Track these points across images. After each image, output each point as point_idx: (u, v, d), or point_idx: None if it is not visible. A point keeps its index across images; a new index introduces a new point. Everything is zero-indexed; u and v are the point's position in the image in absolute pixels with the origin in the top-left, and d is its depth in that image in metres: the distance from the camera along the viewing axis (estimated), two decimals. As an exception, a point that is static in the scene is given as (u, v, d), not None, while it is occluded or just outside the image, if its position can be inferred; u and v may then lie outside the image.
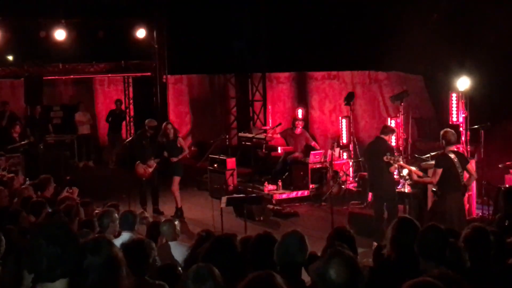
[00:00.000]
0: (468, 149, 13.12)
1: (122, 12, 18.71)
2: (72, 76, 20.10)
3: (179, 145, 14.14)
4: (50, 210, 8.38)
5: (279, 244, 5.10)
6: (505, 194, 7.90)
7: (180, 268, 5.82)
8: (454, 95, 13.43)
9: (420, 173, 10.97)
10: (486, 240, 5.32)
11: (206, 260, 4.59)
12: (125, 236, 7.04)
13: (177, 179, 14.11)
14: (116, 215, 7.62)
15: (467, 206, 11.92)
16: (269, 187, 15.40)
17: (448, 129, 10.29)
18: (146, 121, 14.51)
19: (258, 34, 20.40)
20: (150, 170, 14.19)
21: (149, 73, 20.20)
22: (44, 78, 18.45)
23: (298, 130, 16.34)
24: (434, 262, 5.10)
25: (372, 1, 17.34)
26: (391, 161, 10.88)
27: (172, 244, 7.31)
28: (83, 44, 18.71)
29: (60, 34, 17.92)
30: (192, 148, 20.57)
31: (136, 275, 5.21)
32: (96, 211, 9.46)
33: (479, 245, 5.27)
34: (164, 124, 14.44)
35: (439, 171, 9.91)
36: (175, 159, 13.97)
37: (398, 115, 15.07)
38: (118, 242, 6.09)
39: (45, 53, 18.48)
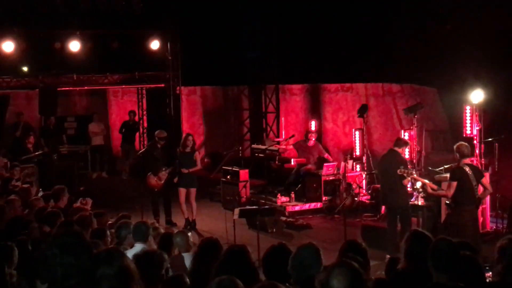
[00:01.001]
0: (482, 162, 13.06)
1: (136, 24, 18.81)
2: (86, 87, 20.21)
3: (194, 159, 14.17)
4: (63, 220, 8.40)
5: (294, 256, 5.09)
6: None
7: (187, 278, 5.84)
8: (468, 107, 13.38)
9: (435, 186, 10.90)
10: None
11: (221, 272, 4.59)
12: (138, 247, 7.03)
13: (194, 190, 14.15)
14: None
15: (481, 219, 11.86)
16: (282, 199, 15.38)
17: (462, 142, 10.25)
18: (156, 132, 14.62)
19: (271, 46, 20.41)
20: (162, 181, 14.24)
21: (162, 85, 20.29)
22: (58, 89, 18.56)
23: (311, 142, 16.33)
24: (447, 274, 5.08)
25: (386, 13, 17.33)
26: (405, 174, 10.85)
27: (185, 255, 7.30)
28: (97, 55, 18.83)
29: (74, 46, 18.06)
30: (205, 160, 20.59)
31: (148, 286, 5.21)
32: (109, 222, 9.48)
33: None
34: (185, 135, 14.54)
35: (454, 184, 9.88)
36: (185, 171, 13.99)
37: (411, 127, 15.05)
38: (131, 253, 6.10)
39: (59, 64, 18.61)
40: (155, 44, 19.21)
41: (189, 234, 7.82)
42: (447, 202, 10.35)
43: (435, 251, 5.22)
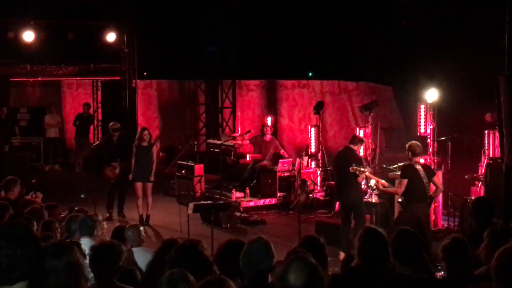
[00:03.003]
0: (435, 160, 13.23)
1: (92, 15, 18.56)
2: (40, 78, 19.87)
3: (152, 152, 14.03)
4: (12, 212, 8.25)
5: (245, 251, 5.07)
6: (475, 205, 7.93)
7: (139, 273, 5.79)
8: (422, 106, 13.54)
9: (386, 184, 11.03)
10: (465, 251, 5.36)
11: (173, 267, 4.56)
12: (84, 241, 6.89)
13: (150, 185, 14.02)
14: (82, 220, 7.51)
15: (433, 217, 12.02)
16: (236, 195, 15.36)
17: (414, 141, 10.39)
18: (110, 124, 14.51)
19: (229, 41, 20.38)
20: (117, 171, 14.11)
21: (118, 77, 20.06)
22: (11, 79, 18.23)
23: (268, 137, 16.33)
24: (410, 266, 5.14)
25: (343, 11, 17.43)
26: (357, 172, 10.89)
27: (135, 250, 7.22)
28: (52, 46, 18.50)
29: (28, 35, 17.71)
30: (160, 154, 20.46)
31: (104, 278, 5.17)
32: (62, 215, 9.34)
33: (458, 256, 5.29)
34: (141, 129, 14.38)
35: (405, 181, 9.99)
36: (152, 177, 13.93)
37: (366, 125, 15.14)
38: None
39: (13, 54, 18.23)
40: (111, 36, 18.97)
41: (141, 228, 7.73)
42: (399, 200, 10.46)
43: (398, 244, 5.27)
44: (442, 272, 6.12)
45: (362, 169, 10.94)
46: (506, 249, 4.35)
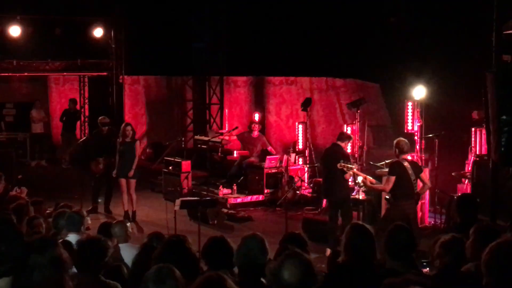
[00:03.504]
0: (423, 157, 13.26)
1: (79, 10, 18.44)
2: (26, 74, 19.74)
3: (135, 148, 13.98)
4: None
5: (240, 247, 5.08)
6: (459, 202, 7.96)
7: (125, 269, 5.76)
8: (409, 103, 13.57)
9: (373, 180, 11.05)
10: (463, 250, 5.36)
11: (159, 262, 4.54)
12: (71, 237, 6.87)
13: (134, 182, 13.95)
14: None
15: (419, 214, 12.04)
16: (224, 191, 15.35)
17: (401, 138, 10.39)
18: (99, 118, 14.51)
19: (217, 37, 20.33)
20: (101, 166, 14.08)
21: (105, 73, 19.96)
22: (-3, 74, 18.12)
23: (255, 133, 16.33)
24: (401, 262, 5.15)
25: (331, 8, 17.42)
26: (345, 169, 10.90)
27: (122, 246, 7.19)
28: (39, 41, 18.38)
29: (15, 30, 17.57)
30: (148, 150, 20.40)
31: (90, 273, 5.15)
32: (48, 211, 9.30)
33: (456, 253, 5.29)
34: (123, 125, 14.28)
35: (392, 178, 10.00)
36: (131, 173, 13.81)
37: (354, 122, 15.17)
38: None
39: (-1, 49, 18.13)
40: (98, 32, 18.87)
41: (128, 224, 7.69)
42: (386, 197, 10.47)
43: (392, 239, 5.27)
44: (428, 269, 6.13)
45: (349, 165, 10.95)
46: (499, 243, 4.34)
